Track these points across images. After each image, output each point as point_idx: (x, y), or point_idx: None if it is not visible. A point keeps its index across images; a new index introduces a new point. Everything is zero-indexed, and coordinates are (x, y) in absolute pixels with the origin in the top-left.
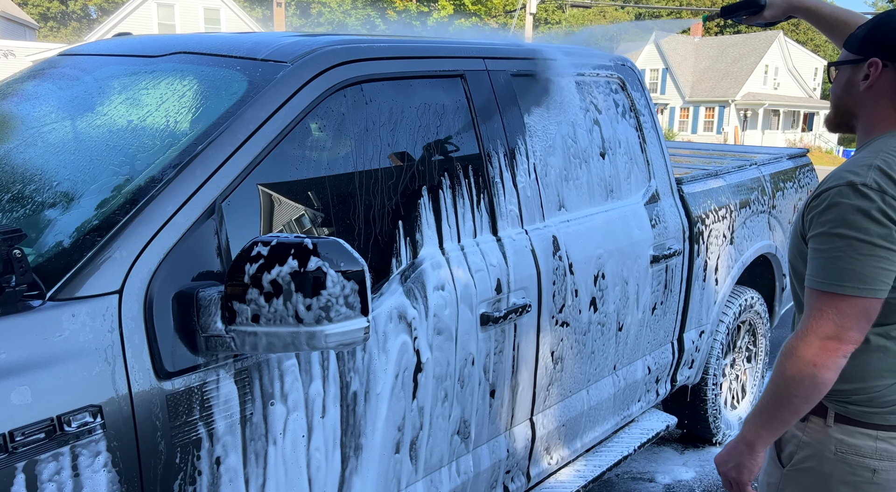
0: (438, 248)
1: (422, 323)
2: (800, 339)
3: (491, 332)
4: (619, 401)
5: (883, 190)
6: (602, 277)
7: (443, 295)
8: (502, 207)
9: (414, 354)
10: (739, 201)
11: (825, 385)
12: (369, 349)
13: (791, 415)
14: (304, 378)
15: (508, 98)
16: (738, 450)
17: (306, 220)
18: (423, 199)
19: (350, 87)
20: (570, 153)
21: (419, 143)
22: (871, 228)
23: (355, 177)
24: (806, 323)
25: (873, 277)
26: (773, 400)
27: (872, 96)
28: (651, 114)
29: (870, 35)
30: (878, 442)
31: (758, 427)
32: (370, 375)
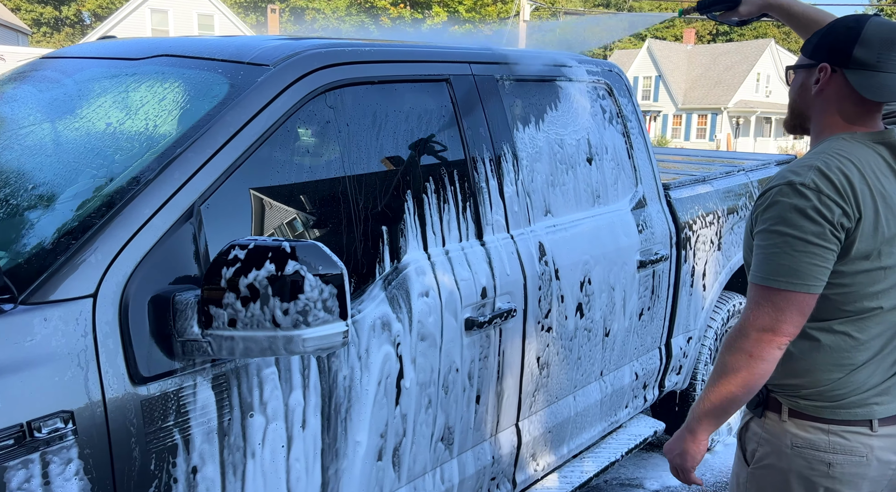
0: (423, 252)
1: (405, 329)
2: (738, 331)
3: (476, 337)
4: (606, 407)
5: (819, 189)
6: (588, 283)
7: (427, 300)
8: (488, 212)
9: (397, 360)
10: (727, 207)
11: (761, 375)
12: (352, 357)
13: (730, 404)
14: (284, 387)
15: (494, 103)
16: (683, 437)
17: (288, 223)
18: (408, 203)
19: (333, 91)
20: (557, 158)
21: (404, 147)
22: (806, 226)
23: (338, 180)
24: (744, 316)
25: (807, 273)
26: (714, 390)
27: (822, 100)
28: (638, 119)
29: (821, 41)
30: (830, 436)
31: (700, 415)
32: (352, 383)
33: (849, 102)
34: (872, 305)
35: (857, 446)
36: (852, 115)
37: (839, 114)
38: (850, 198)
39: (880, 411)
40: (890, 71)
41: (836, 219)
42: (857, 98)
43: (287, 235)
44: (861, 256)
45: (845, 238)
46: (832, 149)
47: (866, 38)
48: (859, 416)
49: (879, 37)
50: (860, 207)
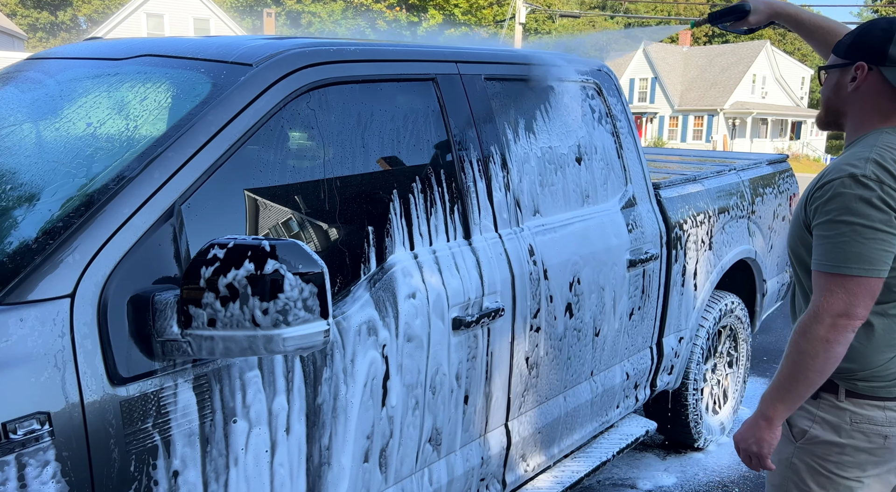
0: (410, 252)
1: (391, 331)
2: (812, 318)
3: (463, 337)
4: (596, 407)
5: (881, 180)
6: (578, 283)
7: (413, 301)
8: (475, 211)
9: (383, 362)
10: (718, 207)
11: (837, 358)
12: (336, 361)
13: (806, 388)
14: (268, 391)
15: (482, 102)
16: (758, 425)
17: (270, 223)
18: (394, 203)
19: (318, 90)
20: (546, 158)
21: (390, 146)
22: (872, 215)
23: (322, 180)
24: (817, 303)
25: (877, 258)
26: (789, 376)
27: (859, 97)
28: (627, 119)
29: (856, 41)
30: (886, 412)
31: (776, 402)
32: (338, 387)
33: (885, 98)
34: None
35: None
36: (889, 110)
37: (876, 109)
38: None
39: None
40: None
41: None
42: (892, 94)
43: (270, 235)
44: None
45: None
46: (881, 142)
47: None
48: None
49: None
50: None
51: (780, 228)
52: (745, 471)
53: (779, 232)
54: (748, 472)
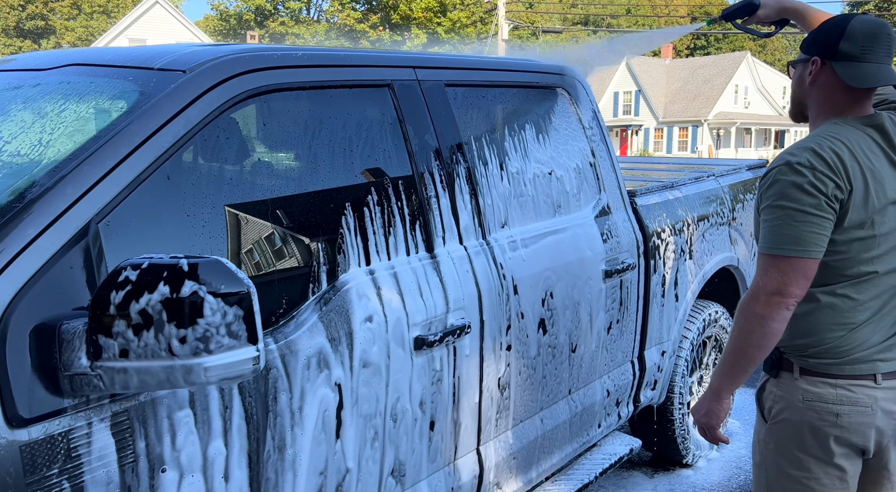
0: (365, 268)
1: (344, 357)
2: (750, 296)
3: (427, 357)
4: (576, 426)
5: (814, 167)
6: (551, 297)
7: (370, 322)
8: (438, 223)
9: (336, 392)
10: (697, 214)
11: (773, 335)
12: (281, 392)
13: (747, 362)
14: (202, 433)
15: (442, 109)
16: (707, 398)
17: (202, 240)
18: (347, 217)
19: (259, 97)
20: (514, 167)
21: (342, 156)
22: (804, 199)
23: (264, 193)
24: (754, 282)
25: (808, 240)
26: (732, 351)
27: (816, 89)
28: (599, 125)
29: (813, 37)
30: (837, 389)
31: (720, 376)
32: (284, 422)
33: (838, 91)
34: (868, 269)
35: (863, 398)
36: (842, 102)
37: (830, 101)
38: (841, 173)
39: (883, 367)
40: (872, 61)
41: (829, 191)
42: (844, 86)
43: (202, 254)
44: (855, 225)
45: (839, 209)
46: (824, 132)
47: (851, 33)
48: (864, 371)
49: (862, 31)
50: (851, 180)
51: None
52: (735, 488)
53: None
54: (739, 489)
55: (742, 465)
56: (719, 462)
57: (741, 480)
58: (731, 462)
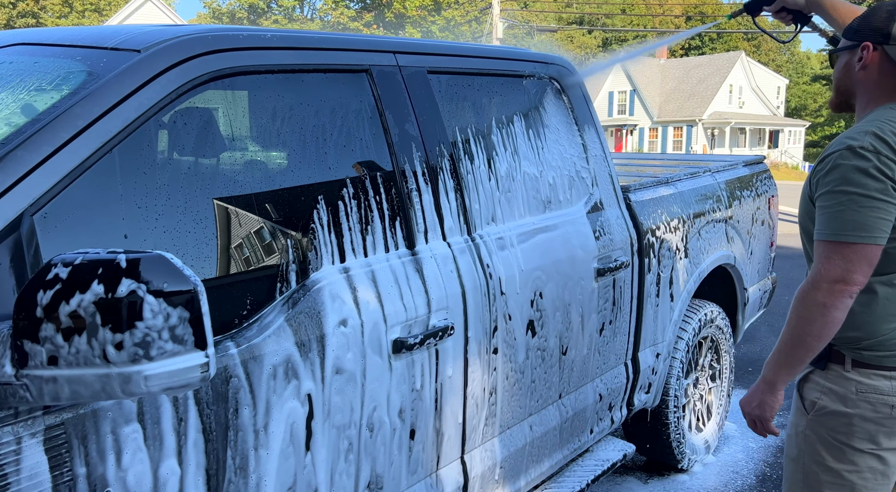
0: (339, 266)
1: (315, 364)
2: (810, 284)
3: (407, 361)
4: (566, 432)
5: (878, 151)
6: (540, 297)
7: (343, 326)
8: (420, 218)
9: (305, 402)
10: (693, 210)
11: (835, 324)
12: (243, 402)
13: (805, 353)
14: (153, 450)
15: (425, 97)
16: (760, 389)
17: (155, 234)
18: (320, 211)
19: (224, 80)
20: (501, 160)
21: (314, 145)
22: (869, 184)
23: (226, 184)
24: (816, 270)
25: (873, 226)
26: (789, 341)
27: (867, 76)
28: (592, 118)
29: (862, 23)
30: (892, 381)
31: (776, 367)
32: (246, 435)
33: (890, 76)
34: None
35: None
36: (894, 87)
37: (882, 87)
38: None
39: None
40: None
41: (895, 175)
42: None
43: (153, 249)
44: None
45: None
46: (882, 117)
47: None
48: None
49: None
50: None
51: (760, 233)
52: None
53: (759, 237)
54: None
55: (738, 470)
56: (715, 467)
57: (738, 485)
58: (727, 467)
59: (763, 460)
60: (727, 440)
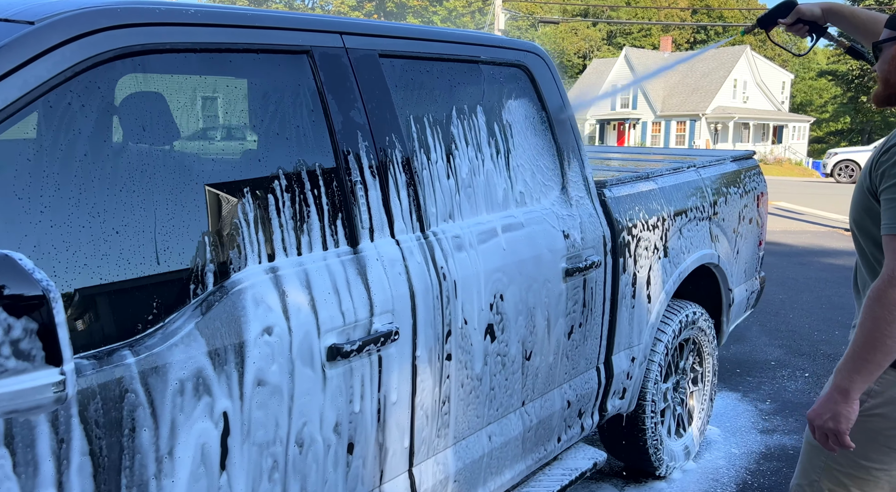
0: (266, 265)
1: (232, 376)
2: (887, 282)
3: (344, 369)
4: (530, 441)
5: None
6: (501, 300)
7: (268, 334)
8: (364, 213)
9: (220, 419)
10: (674, 208)
11: None
12: (142, 421)
13: (884, 356)
14: (24, 478)
15: (375, 83)
16: (833, 399)
17: (43, 229)
18: (246, 204)
19: (133, 58)
20: (461, 153)
21: (241, 132)
22: None
23: (131, 173)
24: (890, 267)
25: None
26: (865, 344)
27: None
28: (565, 109)
29: None
30: None
31: (852, 373)
32: (146, 457)
33: None
34: None
35: None
36: None
37: None
38: None
39: None
40: None
41: None
42: None
43: (40, 249)
44: None
45: None
46: None
47: None
48: None
49: None
50: None
51: (748, 232)
52: None
53: (746, 236)
54: None
55: (719, 477)
56: (695, 474)
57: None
58: (707, 474)
59: (745, 467)
60: (709, 446)
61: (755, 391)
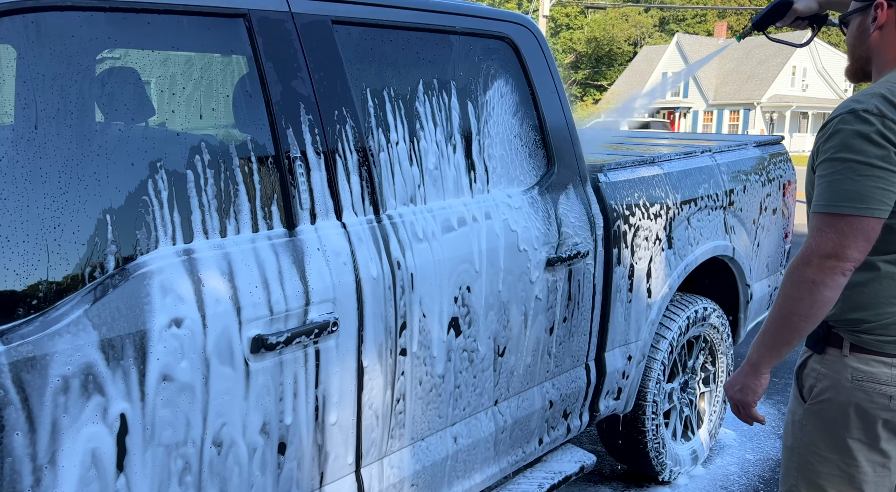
0: (180, 247)
1: (131, 373)
2: (800, 259)
3: (273, 362)
4: (504, 443)
5: (883, 114)
6: (468, 291)
7: (176, 325)
8: (305, 194)
9: (117, 422)
10: (681, 195)
11: (825, 303)
12: (13, 430)
13: (791, 334)
14: None
15: (326, 52)
16: (744, 372)
17: None
18: (157, 179)
19: (24, 15)
20: (426, 132)
21: (157, 99)
22: (869, 150)
23: (19, 139)
24: (806, 245)
25: (871, 196)
26: (776, 320)
27: (882, 37)
28: (554, 87)
29: None
30: (892, 369)
31: (761, 348)
32: (16, 475)
33: None
34: None
35: None
36: None
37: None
38: None
39: None
40: None
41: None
42: None
43: None
44: None
45: None
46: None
47: None
48: None
49: None
50: None
51: (771, 223)
52: None
53: (768, 228)
54: None
55: (729, 485)
56: (703, 480)
57: None
58: (716, 481)
59: (758, 474)
60: (722, 450)
61: (780, 393)
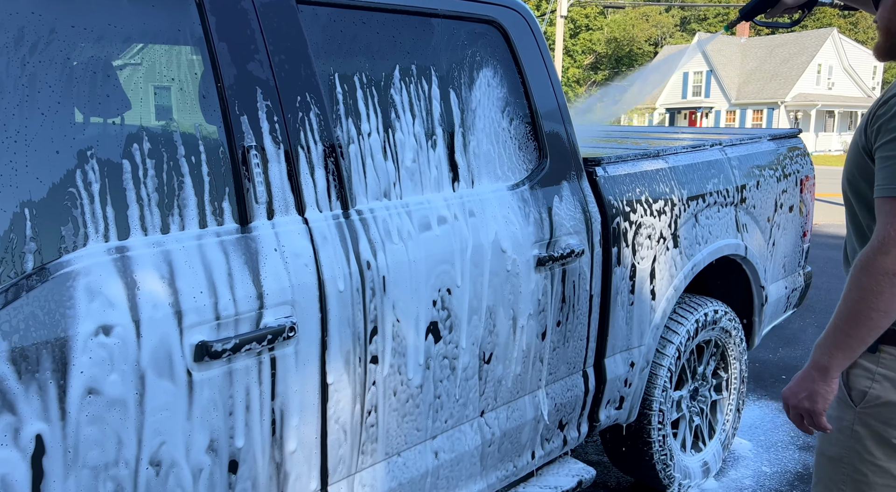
0: (112, 244)
1: (49, 389)
2: (876, 249)
3: (221, 371)
4: (492, 457)
5: None
6: (448, 294)
7: (105, 327)
8: (261, 187)
9: (32, 444)
10: (688, 190)
11: None
12: None
13: (868, 331)
14: None
15: (288, 33)
16: (811, 377)
17: None
18: (87, 170)
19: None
20: (402, 122)
21: (88, 81)
22: None
23: None
24: (882, 232)
25: None
26: (848, 317)
27: None
28: (547, 74)
29: None
30: None
31: (832, 349)
32: None
33: None
34: None
35: None
36: None
37: None
38: None
39: None
40: None
41: None
42: None
43: None
44: None
45: None
46: None
47: None
48: None
49: None
50: None
51: (787, 221)
52: None
53: (785, 226)
54: None
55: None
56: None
57: None
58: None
59: (775, 488)
60: (736, 462)
61: (770, 395)
